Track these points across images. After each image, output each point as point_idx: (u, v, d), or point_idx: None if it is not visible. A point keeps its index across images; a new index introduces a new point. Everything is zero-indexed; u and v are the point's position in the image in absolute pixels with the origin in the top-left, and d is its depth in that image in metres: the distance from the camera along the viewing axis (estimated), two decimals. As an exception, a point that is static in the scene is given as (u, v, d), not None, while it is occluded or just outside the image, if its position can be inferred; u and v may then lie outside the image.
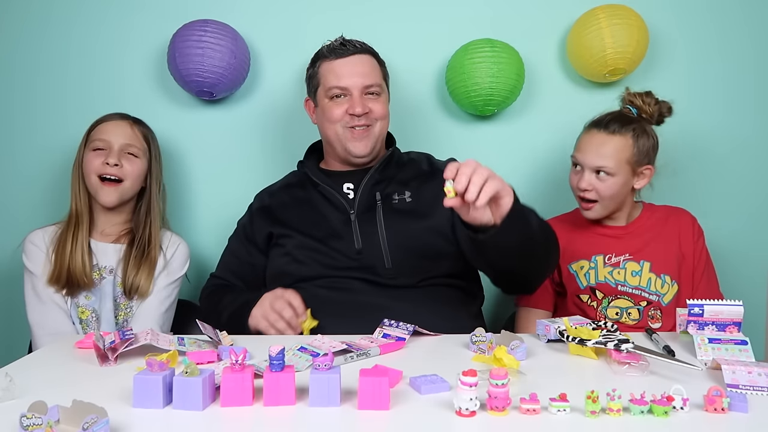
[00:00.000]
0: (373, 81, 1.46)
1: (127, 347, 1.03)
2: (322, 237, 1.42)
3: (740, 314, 1.06)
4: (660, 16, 1.83)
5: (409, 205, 1.44)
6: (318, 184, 1.48)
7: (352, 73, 1.45)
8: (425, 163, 1.54)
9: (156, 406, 0.82)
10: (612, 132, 1.49)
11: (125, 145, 1.58)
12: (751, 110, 1.86)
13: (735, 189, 1.86)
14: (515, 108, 1.86)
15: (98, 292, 1.56)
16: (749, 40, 1.85)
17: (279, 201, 1.53)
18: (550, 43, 1.88)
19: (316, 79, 1.50)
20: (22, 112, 1.88)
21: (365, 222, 1.42)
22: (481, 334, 1.07)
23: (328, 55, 1.47)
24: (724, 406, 0.80)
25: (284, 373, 0.83)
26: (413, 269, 1.38)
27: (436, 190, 1.39)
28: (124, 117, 1.62)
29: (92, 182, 1.56)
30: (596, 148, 1.50)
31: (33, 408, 0.71)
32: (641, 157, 1.51)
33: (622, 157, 1.49)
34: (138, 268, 1.56)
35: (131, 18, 1.87)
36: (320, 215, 1.46)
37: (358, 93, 1.44)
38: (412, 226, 1.41)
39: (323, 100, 1.48)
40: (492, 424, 0.78)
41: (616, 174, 1.49)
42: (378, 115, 1.47)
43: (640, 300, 1.53)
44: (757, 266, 1.85)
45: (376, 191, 1.45)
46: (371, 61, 1.49)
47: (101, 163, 1.55)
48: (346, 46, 1.46)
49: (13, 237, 1.66)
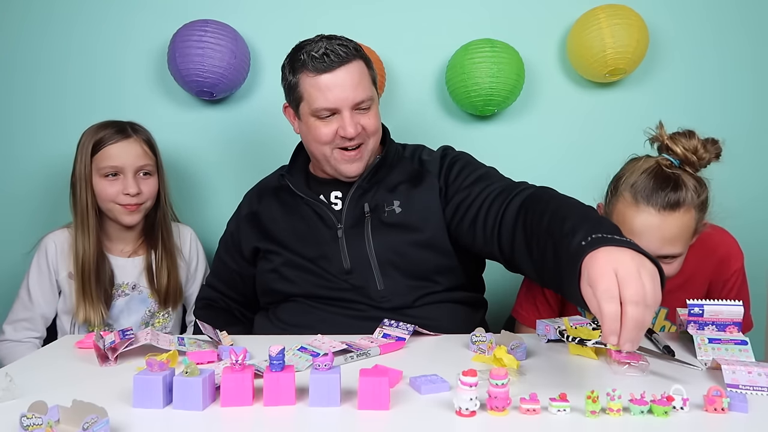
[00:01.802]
0: (363, 95, 1.30)
1: (127, 347, 1.03)
2: (311, 256, 1.34)
3: (740, 314, 1.06)
4: (660, 16, 1.83)
5: (399, 216, 1.33)
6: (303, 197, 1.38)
7: (341, 90, 1.27)
8: (416, 162, 1.41)
9: (156, 406, 0.82)
10: (673, 209, 1.21)
11: (139, 167, 1.52)
12: (749, 110, 1.86)
13: (734, 188, 1.86)
14: (515, 108, 1.86)
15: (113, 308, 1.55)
16: (748, 40, 1.85)
17: (267, 208, 1.43)
18: (550, 43, 1.87)
19: (298, 92, 1.32)
20: (23, 112, 1.88)
21: (353, 238, 1.33)
22: (481, 334, 1.07)
23: (311, 68, 1.28)
24: (724, 406, 0.80)
25: (284, 373, 0.83)
26: (408, 289, 1.30)
27: (426, 196, 1.34)
28: (127, 134, 1.52)
29: (110, 207, 1.52)
30: (660, 233, 1.22)
31: (33, 408, 0.71)
32: (702, 218, 1.27)
33: (688, 235, 1.25)
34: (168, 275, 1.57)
35: (131, 18, 1.87)
36: (308, 230, 1.37)
37: (348, 112, 1.29)
38: (403, 242, 1.31)
39: (308, 118, 1.32)
40: (492, 424, 0.78)
41: (684, 252, 1.26)
42: (370, 131, 1.33)
43: None
44: (757, 266, 1.85)
45: (364, 202, 1.34)
46: (359, 67, 1.31)
47: (118, 192, 1.50)
48: (330, 57, 1.27)
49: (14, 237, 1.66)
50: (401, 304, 1.30)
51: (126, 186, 1.50)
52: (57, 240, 1.55)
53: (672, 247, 1.23)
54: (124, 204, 1.51)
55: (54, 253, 1.53)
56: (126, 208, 1.52)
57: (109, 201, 1.51)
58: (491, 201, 1.25)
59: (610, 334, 0.80)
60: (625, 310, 0.80)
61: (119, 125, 1.54)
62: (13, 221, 1.87)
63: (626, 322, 0.79)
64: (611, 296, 0.80)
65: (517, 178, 1.67)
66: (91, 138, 1.51)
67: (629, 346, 0.80)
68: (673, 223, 1.22)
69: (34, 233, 1.63)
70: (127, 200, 1.50)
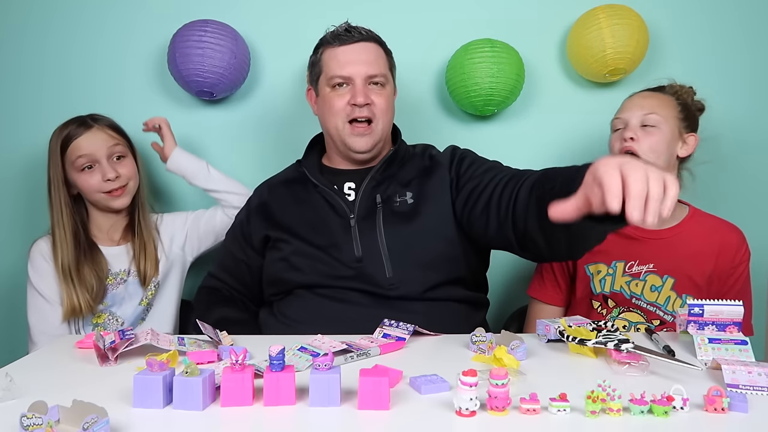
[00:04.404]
0: (377, 71, 1.39)
1: (127, 347, 1.03)
2: (321, 244, 1.36)
3: (740, 314, 1.06)
4: (660, 16, 1.84)
5: (410, 206, 1.38)
6: (317, 185, 1.43)
7: (355, 61, 1.37)
8: (426, 159, 1.47)
9: (156, 406, 0.82)
10: (656, 90, 1.48)
11: (110, 151, 1.55)
12: (749, 109, 1.86)
13: (734, 187, 1.86)
14: (515, 108, 1.86)
15: (115, 297, 1.57)
16: (747, 40, 1.86)
17: (278, 198, 1.47)
18: (550, 43, 1.88)
19: (318, 66, 1.43)
20: (23, 111, 1.88)
21: (365, 228, 1.36)
22: (481, 334, 1.07)
23: (331, 41, 1.40)
24: (724, 406, 0.80)
25: (284, 373, 0.83)
26: (415, 279, 1.32)
27: (437, 187, 1.39)
28: (88, 125, 1.55)
29: (97, 198, 1.55)
30: (641, 100, 1.47)
31: (33, 408, 0.71)
32: (687, 116, 1.47)
33: (669, 113, 1.45)
34: (146, 259, 1.58)
35: (131, 18, 1.87)
36: (320, 219, 1.40)
37: (361, 82, 1.37)
38: (413, 232, 1.35)
39: (324, 89, 1.41)
40: (492, 424, 0.78)
41: (662, 127, 1.43)
42: (380, 109, 1.39)
43: (654, 317, 1.43)
44: (757, 266, 1.84)
45: (377, 193, 1.40)
46: (377, 49, 1.42)
47: (99, 181, 1.53)
48: (351, 33, 1.39)
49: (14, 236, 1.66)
50: (408, 293, 1.31)
51: (104, 173, 1.52)
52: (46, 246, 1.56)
53: (651, 109, 1.43)
54: (108, 191, 1.54)
55: (49, 253, 1.55)
56: (111, 195, 1.54)
57: (95, 192, 1.54)
58: (504, 185, 1.27)
59: (613, 198, 0.82)
60: (628, 182, 0.82)
61: (80, 119, 1.57)
62: (16, 223, 1.88)
63: (630, 190, 0.81)
64: (613, 172, 0.83)
65: (517, 178, 1.68)
66: (57, 138, 1.54)
67: (648, 217, 0.81)
68: (652, 100, 1.46)
69: (35, 233, 1.63)
70: (110, 186, 1.53)
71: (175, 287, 1.65)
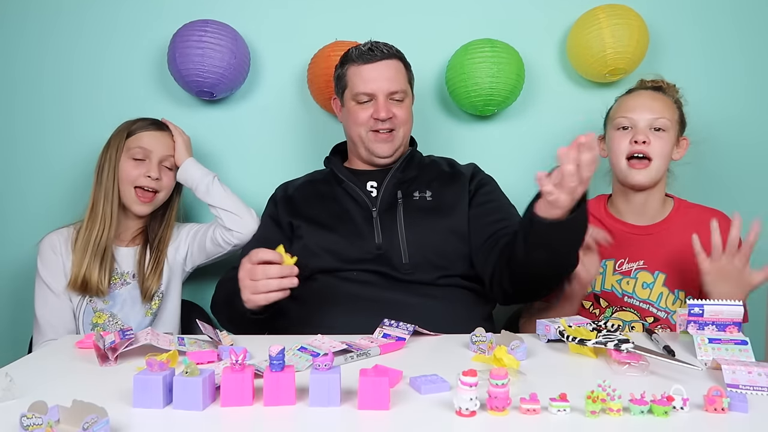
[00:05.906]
0: (398, 87, 1.50)
1: (127, 347, 1.03)
2: (343, 232, 1.45)
3: (740, 314, 1.06)
4: (660, 16, 1.84)
5: (430, 203, 1.48)
6: (343, 180, 1.52)
7: (378, 78, 1.49)
8: (446, 166, 1.58)
9: (156, 406, 0.82)
10: (658, 90, 1.48)
11: (164, 157, 1.60)
12: (749, 108, 1.86)
13: (735, 187, 1.86)
14: (515, 108, 1.86)
15: (116, 297, 1.57)
16: (747, 40, 1.86)
17: (302, 194, 1.56)
18: (550, 43, 1.88)
19: (344, 81, 1.54)
20: (24, 112, 1.88)
21: (386, 219, 1.46)
22: (481, 334, 1.07)
23: (356, 59, 1.51)
24: (724, 406, 0.80)
25: (284, 373, 0.83)
26: (429, 266, 1.40)
27: (457, 192, 1.49)
28: (160, 126, 1.63)
29: (126, 191, 1.57)
30: (650, 102, 1.45)
31: (33, 408, 0.71)
32: (682, 119, 1.49)
33: (673, 116, 1.46)
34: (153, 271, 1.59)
35: (131, 18, 1.87)
36: (344, 210, 1.49)
37: (383, 98, 1.49)
38: (431, 224, 1.45)
39: (350, 103, 1.53)
40: (492, 424, 0.78)
41: (669, 131, 1.44)
42: (401, 120, 1.51)
43: (647, 315, 1.43)
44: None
45: (398, 190, 1.49)
46: (398, 65, 1.53)
47: (140, 174, 1.56)
48: (374, 51, 1.50)
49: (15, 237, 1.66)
50: (422, 278, 1.39)
51: (149, 169, 1.57)
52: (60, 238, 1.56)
53: (661, 113, 1.43)
54: (142, 186, 1.56)
55: (59, 247, 1.55)
56: (140, 196, 1.56)
57: (129, 183, 1.56)
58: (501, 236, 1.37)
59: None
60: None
61: (154, 120, 1.65)
62: (16, 220, 1.87)
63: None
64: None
65: (518, 177, 1.68)
66: (128, 126, 1.61)
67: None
68: (660, 102, 1.45)
69: (35, 233, 1.63)
70: (146, 182, 1.56)
71: (176, 295, 1.66)
